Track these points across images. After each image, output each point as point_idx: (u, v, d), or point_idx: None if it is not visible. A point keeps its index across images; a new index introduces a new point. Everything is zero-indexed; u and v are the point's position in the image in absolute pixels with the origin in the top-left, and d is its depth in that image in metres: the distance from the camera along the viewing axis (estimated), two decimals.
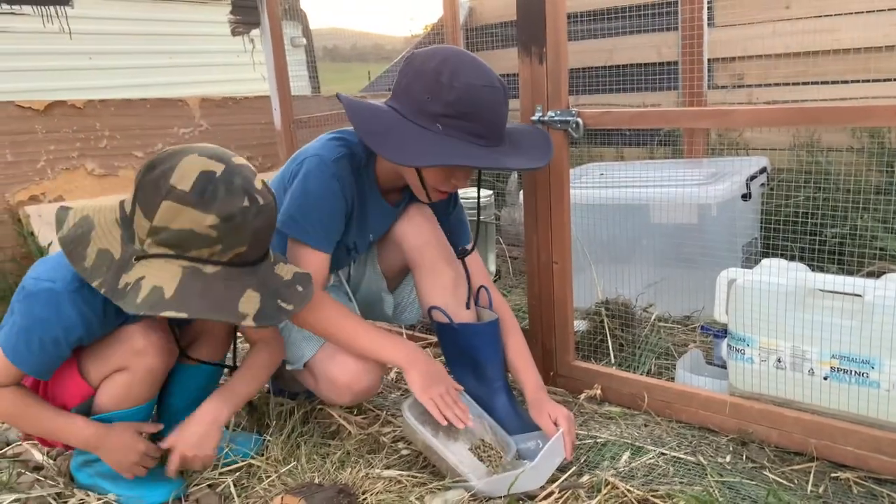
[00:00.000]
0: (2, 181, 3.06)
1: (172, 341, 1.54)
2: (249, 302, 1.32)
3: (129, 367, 1.45)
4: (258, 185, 1.34)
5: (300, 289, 1.41)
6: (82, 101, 3.35)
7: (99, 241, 1.33)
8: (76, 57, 4.55)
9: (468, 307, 1.74)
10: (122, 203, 1.38)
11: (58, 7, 4.37)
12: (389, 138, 1.45)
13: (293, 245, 1.58)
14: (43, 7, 4.30)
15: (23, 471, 1.70)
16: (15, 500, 1.57)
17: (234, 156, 1.36)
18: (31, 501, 1.56)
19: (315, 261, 1.56)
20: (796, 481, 1.50)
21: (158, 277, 1.28)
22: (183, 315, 1.26)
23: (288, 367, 1.74)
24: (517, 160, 1.54)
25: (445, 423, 1.51)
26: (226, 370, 1.72)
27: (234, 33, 5.61)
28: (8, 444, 1.83)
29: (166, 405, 1.68)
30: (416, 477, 1.59)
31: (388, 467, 1.64)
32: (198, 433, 1.50)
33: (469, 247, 1.76)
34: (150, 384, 1.50)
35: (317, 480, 1.58)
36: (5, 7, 4.14)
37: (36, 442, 1.75)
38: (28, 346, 1.36)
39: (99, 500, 1.56)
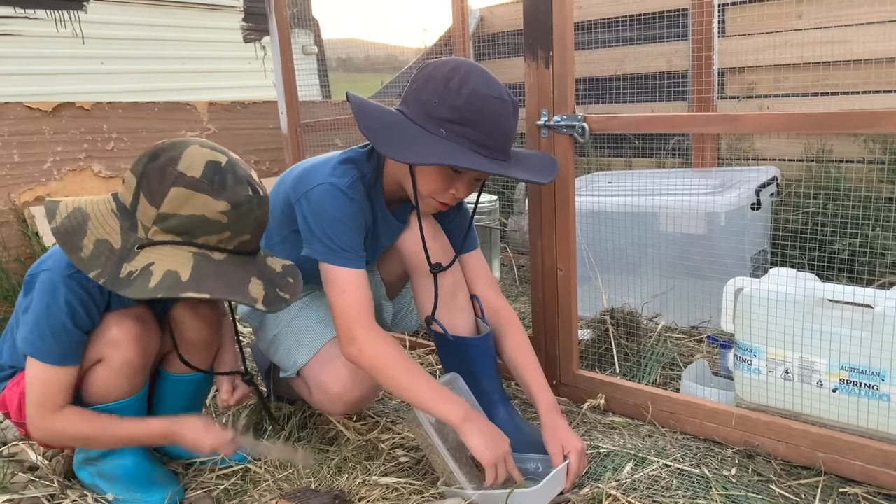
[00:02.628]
0: (8, 181, 3.07)
1: (152, 331, 1.52)
2: (255, 288, 1.35)
3: (106, 357, 1.44)
4: (255, 178, 1.39)
5: (291, 280, 1.45)
6: (90, 103, 3.36)
7: (96, 232, 1.32)
8: (88, 61, 4.56)
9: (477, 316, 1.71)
10: (115, 195, 1.38)
11: (71, 12, 4.41)
12: (391, 136, 1.43)
13: (329, 270, 1.51)
14: (56, 12, 4.34)
15: (17, 472, 1.68)
16: (8, 501, 1.55)
17: (229, 150, 1.40)
18: (25, 502, 1.54)
19: (355, 280, 1.50)
20: (803, 496, 1.46)
21: (170, 262, 1.29)
22: (205, 295, 1.26)
23: (282, 375, 1.72)
24: (518, 172, 1.51)
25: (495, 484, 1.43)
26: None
27: (245, 40, 5.66)
28: (4, 444, 1.82)
29: (160, 414, 1.67)
30: (413, 485, 1.56)
31: (385, 474, 1.61)
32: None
33: (445, 264, 1.66)
34: (128, 376, 1.47)
35: (313, 486, 1.56)
36: (19, 11, 4.17)
37: (32, 442, 1.74)
38: (42, 338, 1.36)
39: (97, 500, 1.54)
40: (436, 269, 1.65)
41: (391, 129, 1.45)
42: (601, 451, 1.66)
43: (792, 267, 1.71)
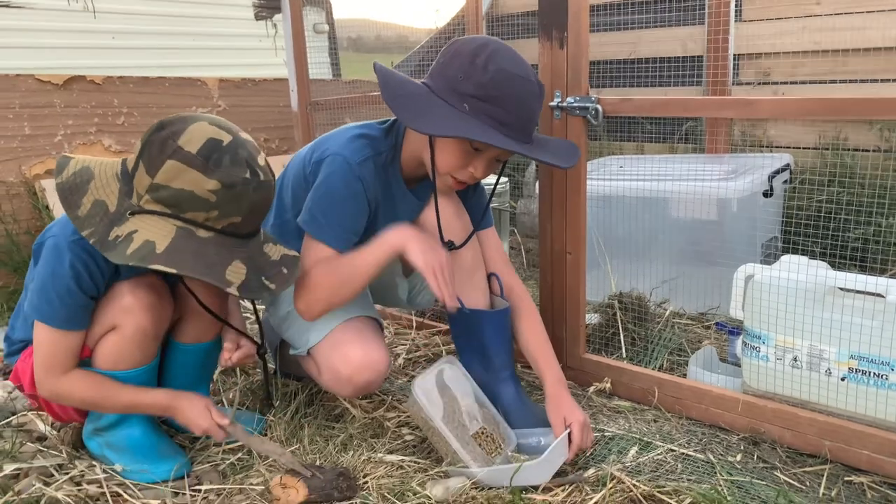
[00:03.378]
0: (19, 154, 3.07)
1: (165, 300, 1.53)
2: (236, 272, 1.34)
3: (118, 325, 1.45)
4: (261, 161, 1.37)
5: (285, 271, 1.43)
6: (101, 77, 3.35)
7: (96, 192, 1.33)
8: (99, 35, 4.55)
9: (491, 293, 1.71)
10: (124, 160, 1.39)
11: None
12: (412, 106, 1.42)
13: (309, 241, 1.55)
14: None
15: (25, 441, 1.70)
16: (16, 470, 1.57)
17: (241, 130, 1.38)
18: (33, 471, 1.56)
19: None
20: (808, 483, 1.46)
21: (151, 233, 1.29)
22: (172, 270, 1.27)
23: (291, 352, 1.72)
24: (539, 154, 1.50)
25: (442, 296, 1.47)
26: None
27: (257, 17, 5.63)
28: (14, 414, 1.84)
29: (168, 385, 1.68)
30: (417, 463, 1.57)
31: (390, 452, 1.62)
32: None
33: (458, 243, 1.68)
34: (141, 344, 1.48)
35: (318, 462, 1.56)
36: None
37: (42, 413, 1.76)
38: (49, 302, 1.38)
39: (105, 471, 1.55)
40: (449, 248, 1.65)
41: (413, 100, 1.44)
42: (606, 434, 1.66)
43: (803, 255, 1.69)
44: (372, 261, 1.51)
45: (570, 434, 1.48)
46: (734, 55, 3.03)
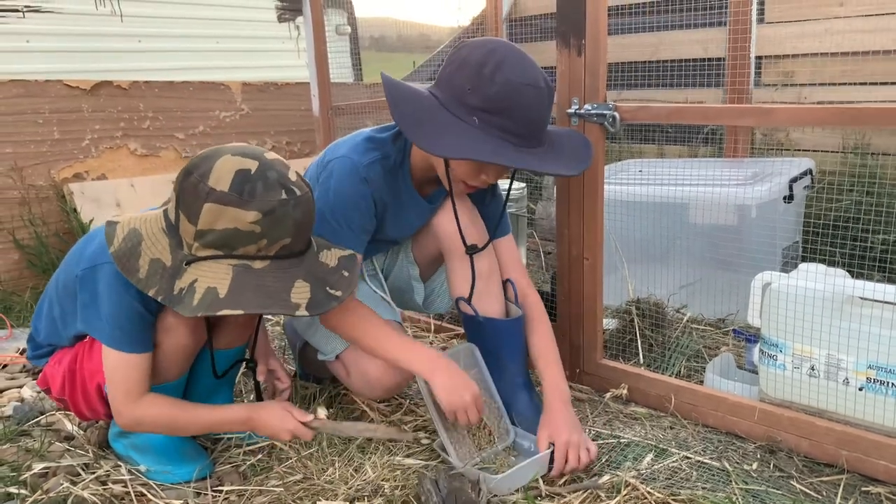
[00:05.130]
0: (48, 158, 3.14)
1: (202, 320, 1.55)
2: (300, 292, 1.35)
3: (160, 343, 1.47)
4: (292, 176, 1.36)
5: (346, 274, 1.44)
6: (127, 83, 3.42)
7: (149, 252, 1.36)
8: (126, 39, 4.62)
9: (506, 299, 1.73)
10: (164, 212, 1.40)
11: None
12: (423, 125, 1.42)
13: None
14: None
15: (54, 441, 1.75)
16: (45, 468, 1.61)
17: (266, 151, 1.38)
18: (61, 470, 1.61)
19: None
20: (825, 493, 1.45)
21: (211, 278, 1.31)
22: (238, 312, 1.29)
23: (320, 357, 1.75)
24: (550, 164, 1.49)
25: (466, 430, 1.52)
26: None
27: (280, 20, 5.68)
28: (42, 414, 1.89)
29: (196, 384, 1.72)
30: (437, 466, 1.59)
31: (408, 456, 1.64)
32: None
33: (480, 245, 1.69)
34: (179, 361, 1.53)
35: (336, 465, 1.59)
36: None
37: (69, 412, 1.80)
38: (121, 328, 1.41)
39: (129, 471, 1.60)
40: (472, 251, 1.67)
41: (422, 117, 1.44)
42: (622, 440, 1.67)
43: (824, 261, 1.69)
44: (399, 356, 1.53)
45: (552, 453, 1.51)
46: (756, 57, 3.00)
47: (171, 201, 1.37)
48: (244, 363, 1.71)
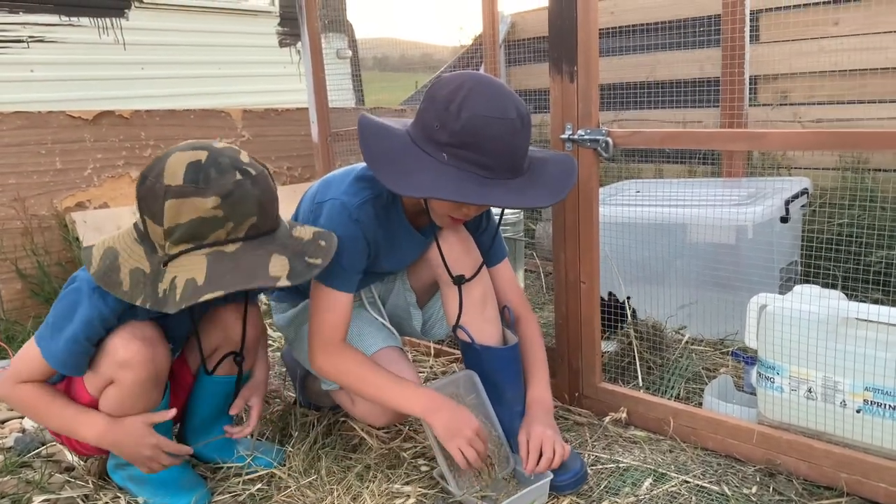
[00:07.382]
0: (51, 188, 3.17)
1: (160, 347, 1.49)
2: (278, 265, 1.36)
3: (116, 379, 1.45)
4: (245, 159, 1.39)
5: (323, 243, 1.44)
6: (129, 112, 3.46)
7: (127, 263, 1.37)
8: (129, 67, 4.69)
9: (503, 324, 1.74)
10: (135, 224, 1.43)
11: (113, 19, 4.53)
12: (394, 164, 1.43)
13: (318, 287, 1.58)
14: (100, 19, 4.47)
15: (54, 472, 1.75)
16: (45, 500, 1.62)
17: (216, 141, 1.41)
18: (61, 502, 1.61)
19: (339, 302, 1.57)
20: None
21: (188, 271, 1.33)
22: (219, 293, 1.29)
23: (324, 388, 1.76)
24: (513, 198, 1.46)
25: (469, 468, 1.51)
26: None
27: (281, 45, 5.75)
28: (43, 444, 1.89)
29: (193, 415, 1.72)
30: (436, 495, 1.58)
31: (407, 483, 1.64)
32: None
33: (468, 274, 1.69)
34: (141, 395, 1.47)
35: (335, 493, 1.59)
36: (64, 19, 4.30)
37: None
38: (55, 342, 1.42)
39: (129, 502, 1.60)
40: (459, 282, 1.68)
41: (393, 157, 1.45)
42: (621, 465, 1.67)
43: (823, 281, 1.69)
44: (400, 400, 1.54)
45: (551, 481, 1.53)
46: (751, 77, 3.03)
47: (136, 211, 1.39)
48: (233, 356, 1.69)
